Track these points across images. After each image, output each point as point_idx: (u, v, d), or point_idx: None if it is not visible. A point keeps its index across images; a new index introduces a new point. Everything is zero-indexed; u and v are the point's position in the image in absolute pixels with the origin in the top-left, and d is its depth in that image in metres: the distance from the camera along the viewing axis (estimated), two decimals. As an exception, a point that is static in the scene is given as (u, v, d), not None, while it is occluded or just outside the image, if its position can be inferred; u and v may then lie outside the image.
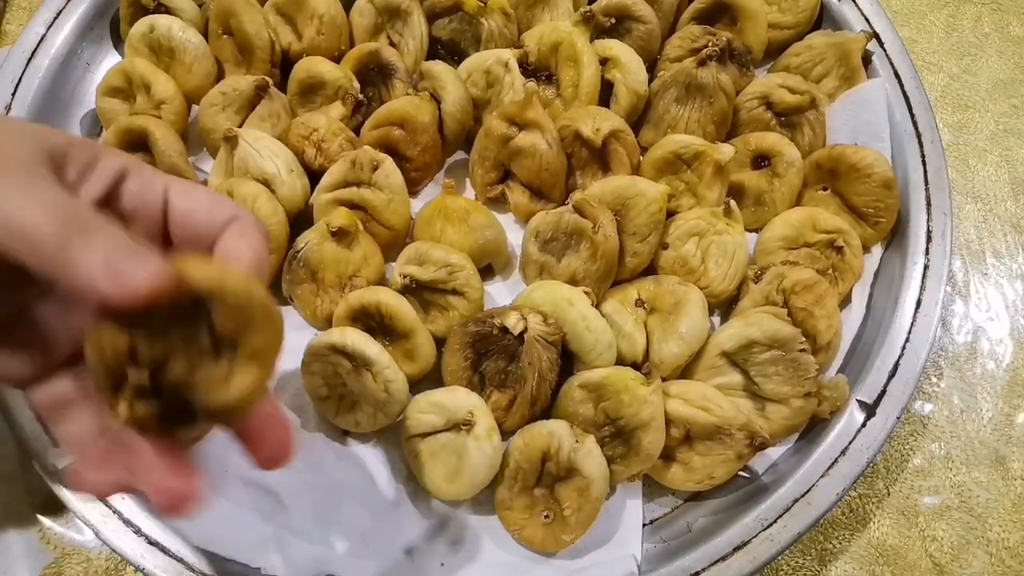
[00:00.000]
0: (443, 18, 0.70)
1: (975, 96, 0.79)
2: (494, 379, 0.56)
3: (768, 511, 0.52)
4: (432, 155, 0.65)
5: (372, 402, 0.54)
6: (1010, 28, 0.83)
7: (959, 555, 0.59)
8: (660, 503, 0.57)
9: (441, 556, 0.54)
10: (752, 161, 0.66)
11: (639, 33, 0.69)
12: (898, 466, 0.62)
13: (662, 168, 0.63)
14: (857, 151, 0.63)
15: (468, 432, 0.51)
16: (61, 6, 0.69)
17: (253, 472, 0.55)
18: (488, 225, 0.61)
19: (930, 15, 0.83)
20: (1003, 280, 0.70)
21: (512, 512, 0.53)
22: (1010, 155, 0.76)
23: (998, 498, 0.61)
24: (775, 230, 0.62)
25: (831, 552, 0.59)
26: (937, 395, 0.65)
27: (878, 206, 0.62)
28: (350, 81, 0.65)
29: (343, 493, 0.55)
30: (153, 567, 0.49)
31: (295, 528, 0.53)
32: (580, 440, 0.51)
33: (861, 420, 0.56)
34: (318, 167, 0.62)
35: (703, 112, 0.65)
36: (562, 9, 0.70)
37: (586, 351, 0.56)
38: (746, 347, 0.56)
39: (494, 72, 0.66)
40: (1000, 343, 0.67)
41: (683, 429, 0.54)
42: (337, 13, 0.68)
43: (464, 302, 0.58)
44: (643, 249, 0.60)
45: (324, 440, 0.57)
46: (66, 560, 0.56)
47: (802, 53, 0.69)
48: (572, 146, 0.64)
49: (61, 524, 0.57)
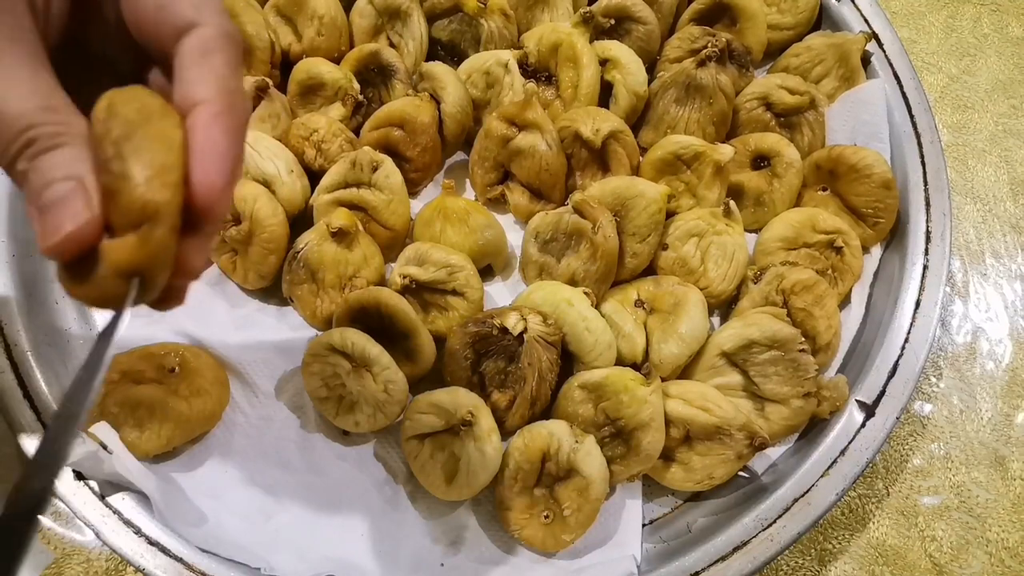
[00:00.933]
0: (443, 19, 0.70)
1: (974, 97, 0.79)
2: (494, 379, 0.56)
3: (768, 511, 0.53)
4: (432, 156, 0.65)
5: (372, 402, 0.54)
6: (1009, 29, 0.83)
7: (958, 555, 0.59)
8: (660, 503, 0.58)
9: (441, 556, 0.54)
10: (752, 162, 0.66)
11: (639, 34, 0.69)
12: (897, 466, 0.62)
13: (662, 169, 0.64)
14: (856, 152, 0.63)
15: (468, 432, 0.51)
16: (61, 7, 0.69)
17: (253, 473, 0.55)
18: (488, 226, 0.61)
19: (929, 16, 0.83)
20: (1002, 280, 0.70)
21: (512, 512, 0.53)
22: (1009, 156, 0.76)
23: (997, 498, 0.61)
24: (774, 231, 0.62)
25: (831, 552, 0.59)
26: (936, 395, 0.65)
27: (877, 207, 0.63)
28: (350, 82, 0.65)
29: (343, 493, 0.55)
30: (153, 567, 0.49)
31: (295, 528, 0.53)
32: (580, 440, 0.51)
33: (861, 420, 0.56)
34: (318, 168, 0.63)
35: (703, 113, 0.65)
36: (562, 10, 0.70)
37: (586, 351, 0.56)
38: (746, 347, 0.56)
39: (494, 73, 0.66)
40: (999, 343, 0.67)
41: (683, 429, 0.54)
42: (337, 14, 0.68)
43: (464, 302, 0.58)
44: (643, 250, 0.60)
45: (324, 440, 0.57)
46: (66, 560, 0.56)
47: (801, 54, 0.69)
48: (572, 147, 0.64)
49: (61, 524, 0.57)
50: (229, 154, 0.27)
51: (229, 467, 0.55)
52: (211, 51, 0.27)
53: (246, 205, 0.58)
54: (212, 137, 0.26)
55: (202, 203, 0.26)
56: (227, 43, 0.27)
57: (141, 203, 0.26)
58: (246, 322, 0.60)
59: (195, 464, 0.55)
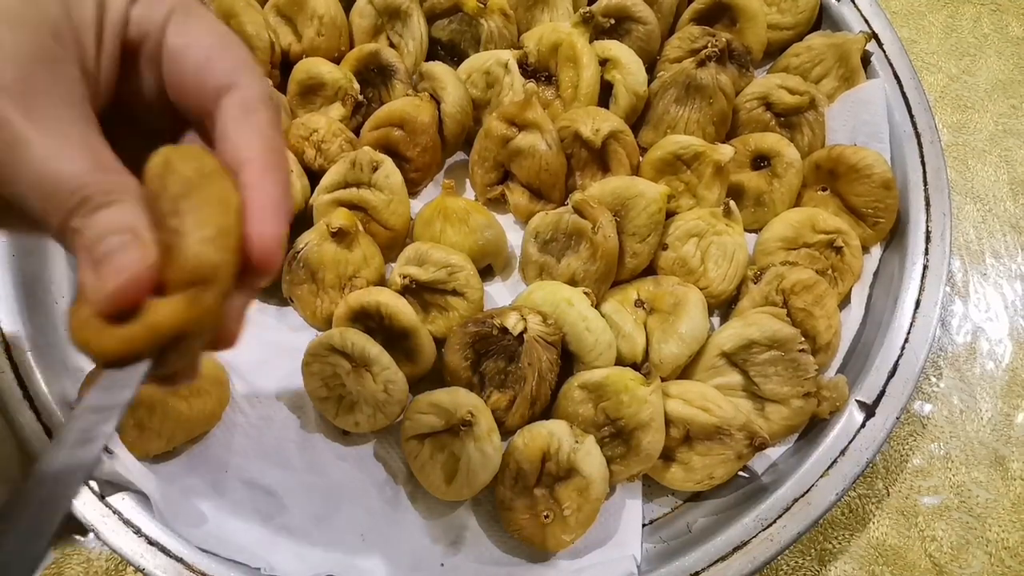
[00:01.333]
0: (443, 19, 0.70)
1: (974, 97, 0.79)
2: (494, 379, 0.56)
3: (768, 511, 0.53)
4: (432, 156, 0.65)
5: (372, 402, 0.54)
6: (1009, 29, 0.83)
7: (958, 555, 0.59)
8: (660, 503, 0.58)
9: (441, 556, 0.54)
10: (751, 162, 0.66)
11: (639, 34, 0.69)
12: (898, 466, 0.62)
13: (662, 169, 0.64)
14: (856, 152, 0.63)
15: (468, 432, 0.51)
16: (61, 7, 0.69)
17: (253, 472, 0.55)
18: (488, 226, 0.61)
19: (929, 16, 0.83)
20: (1002, 280, 0.70)
21: (512, 512, 0.53)
22: (1009, 155, 0.76)
23: (997, 498, 0.61)
24: (774, 230, 0.62)
25: (831, 552, 0.59)
26: (936, 395, 0.65)
27: (877, 206, 0.63)
28: (350, 82, 0.65)
29: (343, 493, 0.55)
30: (153, 567, 0.49)
31: (295, 528, 0.53)
32: (580, 440, 0.51)
33: (860, 420, 0.56)
34: (318, 168, 0.63)
35: (703, 113, 0.65)
36: (562, 10, 0.70)
37: (586, 351, 0.56)
38: (746, 347, 0.56)
39: (494, 73, 0.66)
40: (999, 343, 0.67)
41: (683, 429, 0.54)
42: (337, 14, 0.68)
43: (464, 303, 0.58)
44: (643, 250, 0.60)
45: (324, 440, 0.57)
46: (66, 560, 0.56)
47: (801, 54, 0.69)
48: (572, 147, 0.64)
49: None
50: (282, 209, 0.27)
51: (229, 467, 0.55)
52: (253, 110, 0.28)
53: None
54: (266, 193, 0.27)
55: (260, 259, 0.27)
56: (268, 103, 0.28)
57: (197, 262, 0.25)
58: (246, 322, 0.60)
59: (195, 464, 0.55)
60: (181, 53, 0.28)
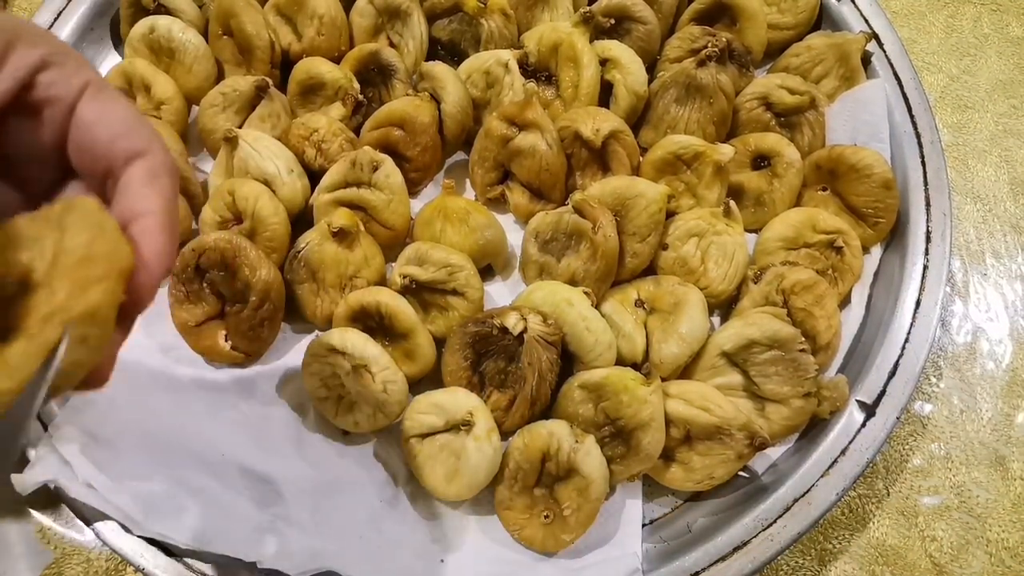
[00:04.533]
0: (443, 19, 0.70)
1: (974, 97, 0.79)
2: (494, 379, 0.56)
3: (768, 511, 0.53)
4: (432, 156, 0.65)
5: (371, 402, 0.54)
6: (1009, 28, 0.83)
7: (959, 555, 0.59)
8: (660, 503, 0.57)
9: (441, 556, 0.53)
10: (752, 161, 0.66)
11: (639, 34, 0.69)
12: (898, 466, 0.62)
13: (662, 168, 0.64)
14: (856, 151, 0.63)
15: (468, 432, 0.51)
16: (61, 7, 0.69)
17: (253, 472, 0.55)
18: (488, 225, 0.61)
19: (929, 16, 0.83)
20: (1002, 280, 0.70)
21: (512, 512, 0.53)
22: (1009, 155, 0.76)
23: (998, 498, 0.61)
24: (775, 230, 0.62)
25: (831, 552, 0.59)
26: (937, 395, 0.65)
27: (877, 206, 0.63)
28: (350, 82, 0.65)
29: (343, 493, 0.55)
30: (153, 567, 0.49)
31: (292, 520, 0.53)
32: (580, 440, 0.51)
33: (861, 420, 0.56)
34: (318, 167, 0.63)
35: (703, 113, 0.65)
36: (562, 10, 0.70)
37: (586, 351, 0.56)
38: (746, 347, 0.56)
39: (494, 73, 0.66)
40: (1000, 343, 0.67)
41: (683, 429, 0.54)
42: (337, 14, 0.68)
43: (464, 302, 0.58)
44: (643, 249, 0.60)
45: (324, 440, 0.57)
46: (66, 560, 0.56)
47: (801, 54, 0.69)
48: (572, 147, 0.64)
49: (61, 524, 0.57)
50: (171, 260, 0.31)
51: (229, 467, 0.55)
52: (158, 175, 0.31)
53: (247, 204, 0.58)
54: (160, 243, 0.30)
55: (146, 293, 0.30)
56: (172, 171, 0.32)
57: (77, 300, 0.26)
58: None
59: (196, 464, 0.55)
60: (94, 123, 0.31)
